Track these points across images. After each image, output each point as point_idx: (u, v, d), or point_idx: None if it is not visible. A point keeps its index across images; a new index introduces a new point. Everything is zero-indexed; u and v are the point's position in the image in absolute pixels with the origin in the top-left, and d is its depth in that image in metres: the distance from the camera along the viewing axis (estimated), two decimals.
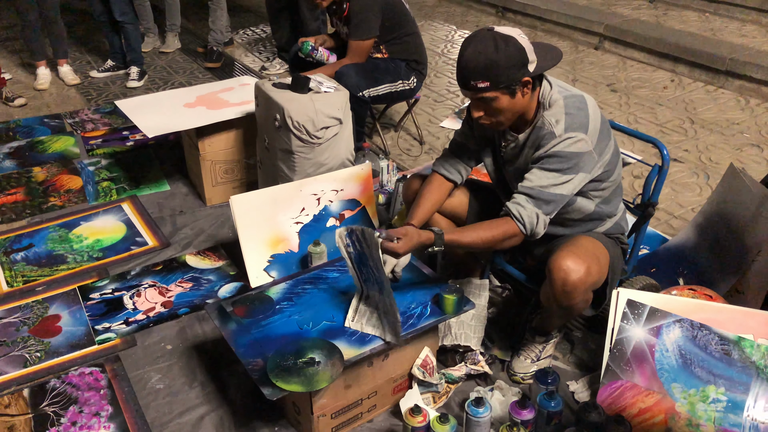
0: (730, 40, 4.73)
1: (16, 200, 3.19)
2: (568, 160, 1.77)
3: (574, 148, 1.76)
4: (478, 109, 1.80)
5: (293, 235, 2.46)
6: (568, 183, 1.78)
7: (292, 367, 1.71)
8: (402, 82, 3.30)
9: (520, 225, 1.80)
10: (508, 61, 1.70)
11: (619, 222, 2.03)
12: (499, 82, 1.72)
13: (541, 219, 1.80)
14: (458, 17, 6.20)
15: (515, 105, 1.79)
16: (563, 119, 1.78)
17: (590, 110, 1.81)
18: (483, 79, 1.71)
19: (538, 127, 1.83)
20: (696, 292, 2.05)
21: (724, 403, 1.74)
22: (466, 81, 1.75)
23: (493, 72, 1.70)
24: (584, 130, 1.77)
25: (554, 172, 1.78)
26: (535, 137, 1.84)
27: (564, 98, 1.82)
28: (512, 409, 1.78)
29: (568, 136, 1.76)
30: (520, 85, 1.75)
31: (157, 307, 2.45)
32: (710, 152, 3.51)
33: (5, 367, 2.17)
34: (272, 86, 2.69)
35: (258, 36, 5.74)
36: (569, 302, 1.84)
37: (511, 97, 1.76)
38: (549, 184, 1.78)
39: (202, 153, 2.99)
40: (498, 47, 1.69)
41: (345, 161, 2.73)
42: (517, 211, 1.80)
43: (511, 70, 1.71)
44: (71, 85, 4.65)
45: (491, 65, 1.70)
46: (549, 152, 1.78)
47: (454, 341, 2.06)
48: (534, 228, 1.80)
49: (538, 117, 1.84)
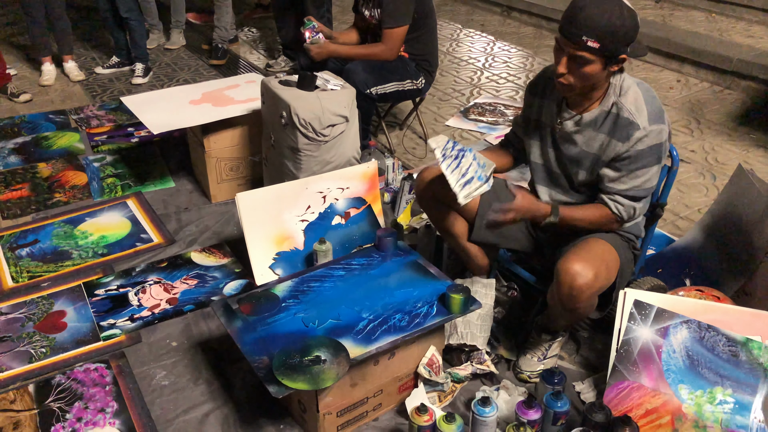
0: (737, 41, 4.72)
1: (21, 196, 3.19)
2: (655, 154, 1.78)
3: (658, 139, 1.77)
4: (567, 65, 1.73)
5: (298, 233, 2.46)
6: (655, 175, 1.84)
7: (297, 365, 1.71)
8: (410, 82, 3.25)
9: (618, 217, 1.89)
10: (626, 32, 1.67)
11: (638, 223, 2.01)
12: (607, 48, 1.67)
13: (639, 210, 1.89)
14: (463, 16, 6.19)
15: (600, 76, 1.74)
16: (645, 109, 1.76)
17: (660, 103, 1.82)
18: (596, 40, 1.65)
19: (613, 112, 1.80)
20: (703, 293, 2.04)
21: (732, 405, 1.73)
22: (577, 34, 1.65)
23: (609, 36, 1.65)
24: (663, 120, 1.78)
25: (644, 169, 1.80)
26: (612, 123, 1.80)
27: (637, 84, 1.80)
28: (518, 409, 1.78)
29: (652, 129, 1.76)
30: (617, 61, 1.72)
31: (162, 303, 2.45)
32: (717, 153, 3.50)
33: (11, 363, 2.17)
34: (278, 83, 2.68)
35: (263, 33, 5.74)
36: (574, 305, 1.84)
37: (603, 67, 1.72)
38: (641, 183, 1.83)
39: (208, 150, 2.98)
40: (623, 15, 1.65)
41: (351, 159, 2.72)
42: (616, 208, 1.87)
43: (622, 42, 1.68)
44: (76, 82, 4.65)
45: (612, 28, 1.64)
46: (637, 149, 1.77)
47: (460, 340, 2.06)
48: (633, 216, 1.90)
49: (612, 101, 1.80)
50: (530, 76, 4.68)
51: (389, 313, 1.91)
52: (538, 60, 4.99)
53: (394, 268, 2.11)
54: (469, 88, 4.47)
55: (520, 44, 5.38)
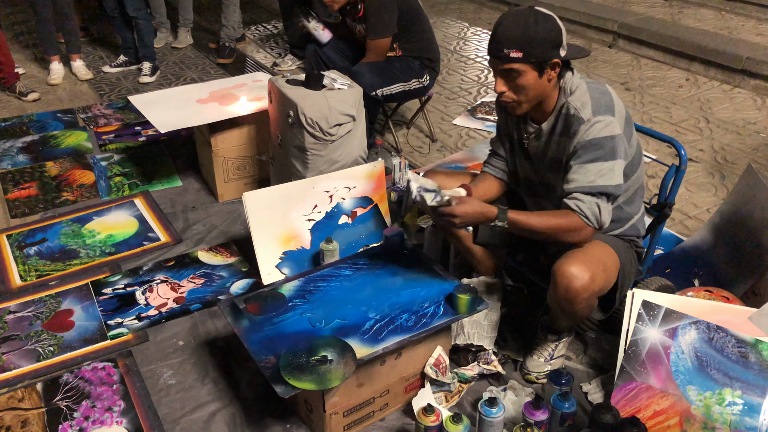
0: (747, 39, 4.68)
1: (30, 195, 3.21)
2: (604, 146, 1.74)
3: (606, 132, 1.74)
4: (503, 82, 1.78)
5: (305, 232, 2.46)
6: (612, 171, 1.75)
7: (304, 365, 1.71)
8: (416, 80, 3.28)
9: (583, 218, 1.77)
10: (545, 36, 1.70)
11: (635, 224, 2.00)
12: (531, 55, 1.71)
13: (603, 208, 1.76)
14: (471, 14, 6.17)
15: (540, 86, 1.77)
16: (589, 102, 1.77)
17: (613, 95, 1.80)
18: (517, 49, 1.70)
19: (563, 113, 1.81)
20: (712, 293, 2.03)
21: (741, 407, 1.72)
22: (499, 49, 1.72)
23: (528, 44, 1.69)
24: (611, 112, 1.76)
25: (594, 163, 1.75)
26: (563, 124, 1.82)
27: (586, 83, 1.81)
28: (526, 410, 1.77)
29: (597, 120, 1.74)
30: (549, 66, 1.74)
31: (169, 302, 2.45)
32: (726, 152, 3.48)
33: (19, 361, 2.18)
34: (286, 83, 2.68)
35: (270, 32, 5.74)
36: (571, 308, 1.83)
37: (538, 75, 1.75)
38: (595, 177, 1.75)
39: (215, 149, 2.99)
40: (537, 21, 1.70)
41: (358, 158, 2.72)
42: (576, 205, 1.77)
43: (546, 47, 1.71)
44: (84, 80, 4.66)
45: (528, 36, 1.69)
46: (582, 141, 1.75)
47: (467, 340, 2.05)
48: (599, 218, 1.76)
49: (562, 103, 1.82)
50: None
51: (396, 313, 1.91)
52: None
53: (401, 268, 2.11)
54: (476, 87, 4.46)
55: None
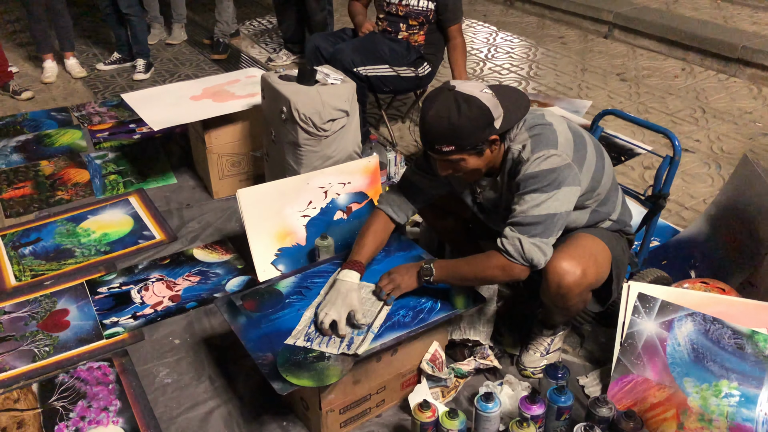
0: (742, 28, 4.67)
1: (24, 194, 3.20)
2: (544, 178, 1.69)
3: (546, 164, 1.69)
4: (446, 169, 1.76)
5: (300, 229, 2.45)
6: (550, 200, 1.69)
7: (302, 362, 1.71)
8: (408, 68, 3.22)
9: (504, 254, 1.72)
10: (472, 123, 1.64)
11: (620, 217, 1.98)
12: (464, 146, 1.67)
13: (526, 243, 1.69)
14: (466, 6, 6.12)
15: (484, 161, 1.75)
16: (528, 142, 1.72)
17: (556, 125, 1.75)
18: (448, 144, 1.66)
19: (509, 160, 1.77)
20: (708, 285, 2.02)
21: (737, 398, 1.72)
22: (430, 145, 1.70)
23: (457, 137, 1.65)
24: (553, 145, 1.70)
25: (532, 194, 1.70)
26: (510, 168, 1.78)
27: (528, 129, 1.75)
28: (522, 404, 1.77)
29: (536, 156, 1.69)
30: (487, 144, 1.71)
31: (165, 301, 2.45)
32: (722, 142, 3.47)
33: (14, 362, 2.18)
34: (278, 78, 2.67)
35: (264, 27, 5.72)
36: (564, 303, 1.83)
37: (478, 156, 1.72)
38: (529, 207, 1.69)
39: (209, 146, 2.98)
40: (461, 110, 1.63)
41: (352, 154, 2.71)
42: (499, 242, 1.73)
43: (476, 133, 1.66)
44: (78, 78, 4.64)
45: (455, 130, 1.64)
46: (521, 177, 1.71)
47: (463, 335, 2.05)
48: (523, 253, 1.69)
49: (508, 154, 1.77)
50: (533, 66, 4.65)
51: (393, 309, 1.90)
52: (542, 50, 4.96)
53: (397, 264, 2.10)
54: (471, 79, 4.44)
55: (523, 34, 5.34)
